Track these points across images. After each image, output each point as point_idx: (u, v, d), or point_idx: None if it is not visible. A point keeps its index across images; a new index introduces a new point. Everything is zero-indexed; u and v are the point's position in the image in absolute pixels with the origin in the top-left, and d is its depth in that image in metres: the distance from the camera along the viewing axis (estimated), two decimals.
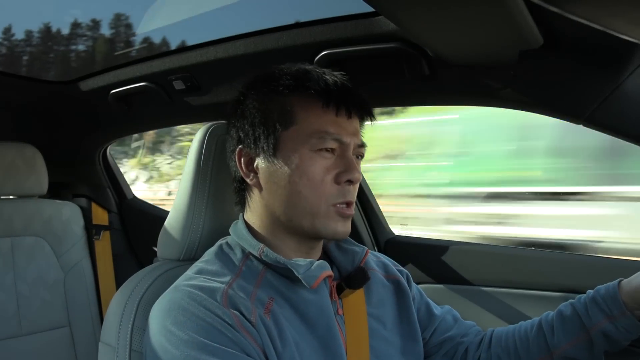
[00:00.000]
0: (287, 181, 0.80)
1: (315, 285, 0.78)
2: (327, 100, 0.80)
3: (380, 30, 1.10)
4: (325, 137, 0.79)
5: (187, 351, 0.69)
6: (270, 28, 1.27)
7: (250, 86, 0.87)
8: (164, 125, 2.14)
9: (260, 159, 0.83)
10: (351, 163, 0.81)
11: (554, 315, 0.96)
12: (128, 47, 4.23)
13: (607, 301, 0.89)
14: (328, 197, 0.80)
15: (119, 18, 4.14)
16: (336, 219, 0.81)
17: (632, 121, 0.97)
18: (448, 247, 1.50)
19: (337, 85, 0.81)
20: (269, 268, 0.81)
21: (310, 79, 0.81)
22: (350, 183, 0.81)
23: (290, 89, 0.81)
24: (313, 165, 0.79)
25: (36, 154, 1.93)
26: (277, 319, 0.76)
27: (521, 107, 1.12)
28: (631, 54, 0.90)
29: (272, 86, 0.83)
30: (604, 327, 0.89)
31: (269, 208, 0.83)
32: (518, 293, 1.38)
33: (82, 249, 2.01)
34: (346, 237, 0.86)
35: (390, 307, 0.94)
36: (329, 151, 0.80)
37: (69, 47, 4.66)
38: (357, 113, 0.84)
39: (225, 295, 0.74)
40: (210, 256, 0.84)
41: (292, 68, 0.84)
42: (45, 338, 1.86)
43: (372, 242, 1.67)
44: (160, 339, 0.72)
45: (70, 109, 1.93)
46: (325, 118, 0.80)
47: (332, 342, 0.79)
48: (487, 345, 1.00)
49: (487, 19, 0.82)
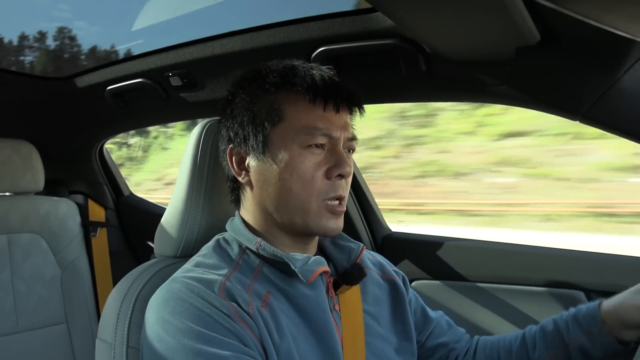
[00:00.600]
0: (277, 179, 0.80)
1: (312, 279, 0.78)
2: (314, 96, 0.80)
3: (378, 26, 1.10)
4: (314, 133, 0.79)
5: (184, 340, 0.69)
6: (267, 24, 1.27)
7: (239, 85, 0.87)
8: (160, 122, 2.13)
9: (251, 158, 0.83)
10: (341, 157, 0.81)
11: (536, 329, 0.98)
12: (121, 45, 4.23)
13: (587, 319, 0.91)
14: (319, 193, 0.80)
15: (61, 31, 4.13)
16: (328, 216, 0.81)
17: (629, 117, 0.97)
18: (445, 243, 1.50)
19: (324, 80, 0.80)
20: (265, 262, 0.82)
21: (297, 75, 0.80)
22: (342, 177, 0.81)
23: (277, 86, 0.81)
24: (303, 162, 0.79)
25: (32, 150, 1.92)
26: (274, 311, 0.76)
27: (518, 104, 1.12)
28: (628, 50, 0.90)
29: (259, 84, 0.83)
30: (581, 343, 0.91)
31: (261, 206, 0.84)
32: (514, 289, 1.39)
33: (78, 245, 2.01)
34: (338, 234, 0.86)
35: (385, 305, 0.94)
36: (319, 147, 0.80)
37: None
38: (345, 106, 0.83)
39: (223, 286, 0.74)
40: (208, 250, 0.85)
41: (279, 65, 0.84)
42: (42, 335, 1.86)
43: (369, 238, 1.67)
44: (157, 329, 0.72)
45: (66, 106, 1.92)
46: (313, 113, 0.80)
47: (328, 337, 0.79)
48: (473, 354, 1.01)
49: (484, 15, 0.82)
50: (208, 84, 1.49)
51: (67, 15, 2.80)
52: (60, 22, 2.94)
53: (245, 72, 0.88)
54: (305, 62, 0.85)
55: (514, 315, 1.39)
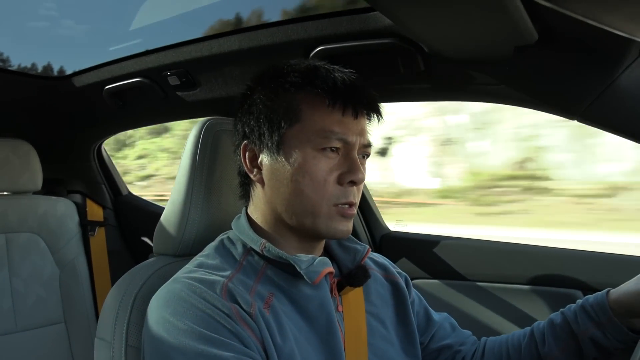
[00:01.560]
0: (289, 179, 0.79)
1: (317, 280, 0.78)
2: (334, 100, 0.79)
3: (376, 25, 1.10)
4: (330, 137, 0.78)
5: (186, 341, 0.69)
6: (265, 23, 1.27)
7: (258, 81, 0.86)
8: (159, 121, 2.13)
9: (265, 155, 0.82)
10: (355, 163, 0.80)
11: (545, 324, 0.97)
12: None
13: (595, 308, 0.91)
14: (330, 197, 0.79)
15: None
16: (338, 219, 0.80)
17: (627, 117, 0.97)
18: (443, 242, 1.50)
19: (344, 84, 0.80)
20: (269, 264, 0.81)
21: (318, 77, 0.80)
22: (354, 184, 0.80)
23: (297, 86, 0.80)
24: (316, 165, 0.78)
25: (30, 150, 1.92)
26: (276, 313, 0.76)
27: (516, 103, 1.12)
28: (626, 49, 0.91)
29: (279, 82, 0.82)
30: (592, 334, 0.90)
31: (271, 205, 0.83)
32: (513, 288, 1.39)
33: (77, 245, 2.01)
34: (347, 237, 0.86)
35: (388, 307, 0.94)
36: (333, 151, 0.79)
37: None
38: (364, 112, 0.82)
39: (225, 288, 0.74)
40: (211, 250, 0.85)
41: (301, 64, 0.83)
42: (40, 334, 1.86)
43: (367, 237, 1.67)
44: (158, 329, 0.72)
45: (64, 105, 1.92)
46: (331, 117, 0.79)
47: (331, 338, 0.79)
48: (481, 355, 1.00)
49: (482, 15, 0.82)
50: (206, 83, 1.49)
51: (54, 13, 2.74)
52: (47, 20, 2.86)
53: (266, 68, 0.87)
54: (328, 64, 0.83)
55: (511, 314, 1.39)
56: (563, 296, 1.31)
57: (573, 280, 1.30)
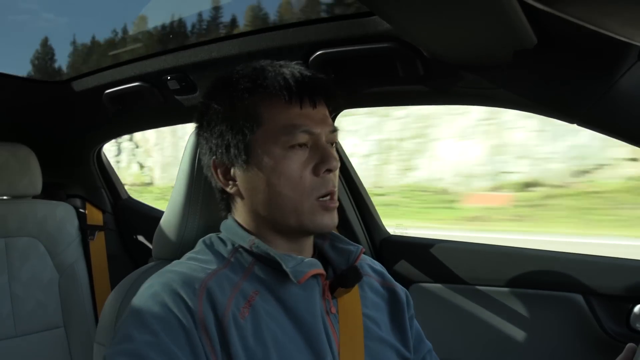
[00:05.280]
0: (266, 184, 0.79)
1: (303, 280, 0.78)
2: (289, 95, 0.78)
3: (375, 30, 1.10)
4: (295, 132, 0.78)
5: (144, 337, 0.69)
6: (264, 27, 1.27)
7: (210, 95, 0.86)
8: (158, 125, 2.13)
9: (236, 168, 0.82)
10: (327, 151, 0.80)
11: None
12: None
13: None
14: (310, 191, 0.79)
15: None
16: (321, 213, 0.80)
17: (626, 120, 0.97)
18: (443, 246, 1.50)
19: (295, 77, 0.79)
20: (258, 261, 0.81)
21: (267, 77, 0.79)
22: (330, 172, 0.80)
23: (250, 91, 0.80)
24: (288, 164, 0.78)
25: (30, 154, 1.92)
26: (256, 314, 0.76)
27: (516, 107, 1.12)
28: (625, 53, 0.91)
29: (231, 92, 0.81)
30: None
31: (253, 213, 0.83)
32: (512, 292, 1.39)
33: (76, 249, 2.00)
34: (334, 229, 0.86)
35: (384, 313, 0.93)
36: (302, 146, 0.79)
37: None
38: (322, 100, 0.82)
39: (204, 287, 0.74)
40: (201, 246, 0.85)
41: (247, 69, 0.83)
42: (40, 339, 1.85)
43: (367, 241, 1.67)
44: (126, 319, 0.73)
45: (64, 109, 1.92)
46: (291, 112, 0.79)
47: (316, 340, 0.78)
48: None
49: (481, 19, 0.82)
50: (206, 87, 1.49)
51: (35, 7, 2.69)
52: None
53: (214, 81, 0.86)
54: (273, 61, 0.83)
55: (512, 317, 1.39)
56: (563, 300, 1.31)
57: (574, 284, 1.30)
